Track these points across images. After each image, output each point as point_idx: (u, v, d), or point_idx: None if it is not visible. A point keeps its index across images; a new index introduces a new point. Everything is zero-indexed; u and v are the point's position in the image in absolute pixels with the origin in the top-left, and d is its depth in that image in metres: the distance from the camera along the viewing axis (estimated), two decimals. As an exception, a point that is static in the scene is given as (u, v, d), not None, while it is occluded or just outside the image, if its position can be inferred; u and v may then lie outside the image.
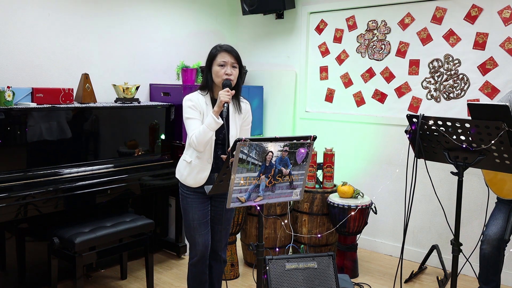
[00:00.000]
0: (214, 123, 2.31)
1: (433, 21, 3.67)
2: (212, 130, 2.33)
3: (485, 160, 2.10)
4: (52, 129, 3.07)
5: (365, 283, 3.47)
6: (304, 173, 2.10)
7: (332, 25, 4.25)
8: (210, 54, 2.49)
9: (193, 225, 2.52)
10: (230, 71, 2.42)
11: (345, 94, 4.23)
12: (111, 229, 2.99)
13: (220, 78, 2.42)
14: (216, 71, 2.44)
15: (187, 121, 2.44)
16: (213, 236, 2.62)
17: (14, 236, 3.03)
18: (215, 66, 2.44)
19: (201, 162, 2.46)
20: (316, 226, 3.65)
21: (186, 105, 2.45)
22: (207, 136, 2.33)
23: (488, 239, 2.68)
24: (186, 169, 2.51)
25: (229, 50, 2.45)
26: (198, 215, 2.52)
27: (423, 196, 3.78)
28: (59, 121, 3.11)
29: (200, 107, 2.45)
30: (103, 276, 3.49)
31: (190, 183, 2.49)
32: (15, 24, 3.22)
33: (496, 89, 3.42)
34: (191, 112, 2.43)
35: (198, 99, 2.47)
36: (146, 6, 4.05)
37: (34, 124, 2.98)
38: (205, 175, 2.46)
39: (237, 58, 2.46)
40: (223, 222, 2.61)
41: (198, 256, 2.55)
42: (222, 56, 2.43)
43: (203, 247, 2.54)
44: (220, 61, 2.43)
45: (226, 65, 2.42)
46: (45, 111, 3.03)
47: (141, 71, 4.07)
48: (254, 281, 3.41)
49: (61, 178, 3.04)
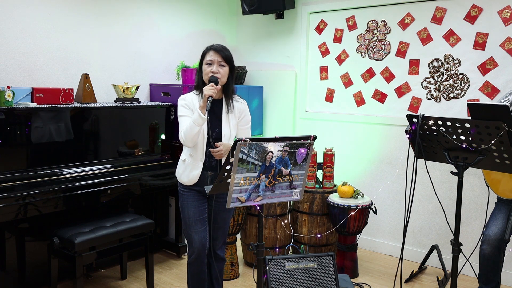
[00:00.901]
0: (200, 118, 2.39)
1: (433, 21, 3.67)
2: (197, 126, 2.40)
3: (485, 160, 2.10)
4: (52, 129, 3.07)
5: (365, 283, 3.47)
6: (304, 173, 2.10)
7: (332, 25, 4.25)
8: (201, 54, 2.58)
9: (188, 222, 2.57)
10: (216, 69, 2.49)
11: (345, 94, 4.23)
12: (111, 229, 2.99)
13: (207, 76, 2.50)
14: (204, 69, 2.54)
15: (180, 119, 2.55)
16: (212, 234, 2.64)
17: (14, 236, 3.03)
18: (204, 65, 2.54)
19: (193, 160, 2.54)
20: (316, 226, 3.65)
21: (179, 103, 2.58)
22: (194, 131, 2.41)
23: (488, 239, 2.68)
24: (181, 167, 2.60)
25: (217, 49, 2.52)
26: (193, 212, 2.56)
27: (423, 196, 3.78)
28: (59, 121, 3.11)
29: (192, 106, 2.54)
30: (103, 276, 3.49)
31: (184, 181, 2.57)
32: (15, 24, 3.22)
33: (496, 89, 3.42)
34: (184, 110, 2.54)
35: (192, 99, 2.56)
36: (146, 6, 4.05)
37: (34, 124, 2.98)
38: (197, 173, 2.53)
39: (224, 57, 2.52)
40: (219, 221, 2.64)
41: (195, 254, 2.58)
42: (210, 55, 2.52)
43: (200, 245, 2.56)
44: (207, 60, 2.52)
45: (213, 63, 2.50)
46: (45, 111, 3.03)
47: (141, 71, 4.07)
48: (254, 281, 3.41)
49: (61, 178, 3.04)
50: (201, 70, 2.56)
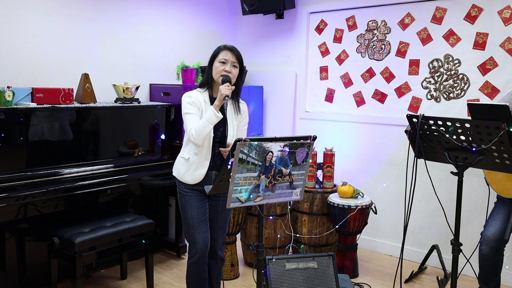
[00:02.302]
0: (214, 117, 2.36)
1: (433, 21, 3.67)
2: (211, 124, 2.37)
3: (485, 160, 2.10)
4: (52, 129, 3.07)
5: (365, 283, 3.47)
6: (304, 173, 2.10)
7: (332, 25, 4.25)
8: (213, 52, 2.55)
9: (192, 223, 2.54)
10: (230, 69, 2.48)
11: (345, 94, 4.23)
12: (111, 229, 2.98)
13: (219, 74, 2.47)
14: (216, 66, 2.50)
15: (186, 116, 2.48)
16: (211, 235, 2.64)
17: (14, 236, 3.03)
18: (216, 62, 2.50)
19: (199, 159, 2.49)
20: (316, 226, 3.65)
21: (185, 101, 2.50)
22: (207, 130, 2.37)
23: (486, 240, 2.68)
24: (184, 166, 2.54)
25: (232, 49, 2.51)
26: (197, 212, 2.54)
27: (423, 196, 3.78)
28: (59, 121, 3.11)
29: (199, 104, 2.50)
30: (103, 276, 3.49)
31: (187, 180, 2.52)
32: (15, 24, 3.22)
33: (496, 89, 3.42)
34: (190, 107, 2.48)
35: (197, 96, 2.52)
36: (146, 7, 4.05)
37: (34, 124, 2.98)
38: (203, 172, 2.50)
39: (238, 58, 2.52)
40: (220, 221, 2.63)
41: (198, 255, 2.56)
42: (225, 54, 2.49)
43: (203, 245, 2.55)
44: (221, 58, 2.48)
45: (227, 62, 2.48)
46: (45, 111, 3.03)
47: (141, 71, 4.07)
48: (254, 281, 3.41)
49: (61, 178, 3.04)
50: (210, 67, 2.53)
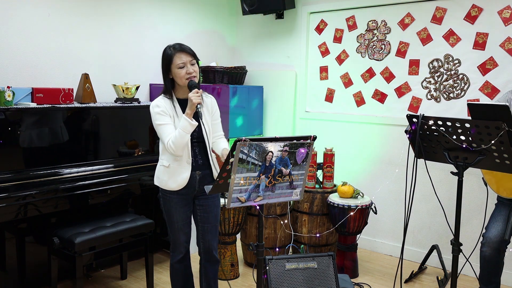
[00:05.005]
0: (189, 126, 2.32)
1: (433, 21, 3.67)
2: (188, 133, 2.34)
3: (485, 160, 2.10)
4: (52, 129, 3.07)
5: (365, 283, 3.47)
6: (304, 173, 2.10)
7: (332, 25, 4.25)
8: (165, 58, 2.44)
9: (177, 226, 2.56)
10: (191, 69, 2.41)
11: (345, 94, 4.23)
12: (111, 229, 2.98)
13: (183, 79, 2.40)
14: (177, 73, 2.41)
15: (159, 128, 2.41)
16: (204, 236, 2.61)
17: (14, 236, 3.03)
18: (175, 69, 2.41)
19: (179, 164, 2.45)
20: (316, 226, 3.65)
21: (154, 111, 2.42)
22: (184, 140, 2.34)
23: (488, 241, 2.68)
24: (165, 174, 2.48)
25: (183, 49, 2.41)
26: (182, 217, 2.55)
27: (423, 196, 3.78)
28: (59, 121, 3.11)
29: (168, 111, 2.43)
30: (103, 276, 3.49)
31: (172, 187, 2.47)
32: (15, 24, 3.22)
33: (496, 89, 3.42)
34: (161, 118, 2.41)
35: (165, 104, 2.45)
36: (146, 6, 4.05)
37: (34, 124, 2.98)
38: (186, 176, 2.46)
39: (192, 54, 2.44)
40: (211, 219, 2.60)
41: (183, 254, 2.62)
42: (179, 57, 2.40)
43: (187, 244, 2.63)
44: (178, 64, 2.39)
45: (185, 65, 2.40)
46: (45, 111, 3.03)
47: (141, 71, 4.07)
48: (254, 281, 3.41)
49: (61, 178, 3.04)
50: (167, 74, 2.45)
